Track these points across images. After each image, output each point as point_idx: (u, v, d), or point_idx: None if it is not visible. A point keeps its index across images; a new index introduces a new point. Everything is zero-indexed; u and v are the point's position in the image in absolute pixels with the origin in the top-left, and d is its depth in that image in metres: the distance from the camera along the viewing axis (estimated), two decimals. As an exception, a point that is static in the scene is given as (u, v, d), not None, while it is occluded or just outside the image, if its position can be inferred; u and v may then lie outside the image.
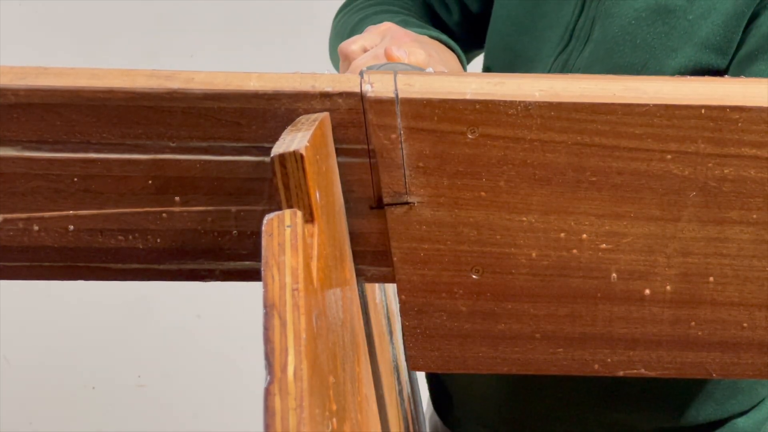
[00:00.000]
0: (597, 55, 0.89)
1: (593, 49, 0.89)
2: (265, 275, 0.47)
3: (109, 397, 2.23)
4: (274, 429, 0.42)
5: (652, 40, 0.86)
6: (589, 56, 0.90)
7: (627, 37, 0.87)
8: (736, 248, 0.60)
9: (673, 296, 0.62)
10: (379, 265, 0.63)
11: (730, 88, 0.56)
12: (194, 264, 0.62)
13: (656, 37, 0.86)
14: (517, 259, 0.61)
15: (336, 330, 0.53)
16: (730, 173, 0.58)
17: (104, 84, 0.56)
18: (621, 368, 0.65)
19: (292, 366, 0.43)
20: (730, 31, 0.84)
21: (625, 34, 0.87)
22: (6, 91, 0.55)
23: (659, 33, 0.86)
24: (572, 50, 0.91)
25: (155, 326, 2.27)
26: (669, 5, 0.86)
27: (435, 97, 0.56)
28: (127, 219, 0.60)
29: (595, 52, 0.89)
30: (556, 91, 0.56)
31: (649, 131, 0.56)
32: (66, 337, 2.26)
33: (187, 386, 2.24)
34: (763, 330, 0.63)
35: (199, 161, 0.58)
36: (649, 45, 0.86)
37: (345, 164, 0.59)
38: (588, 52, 0.90)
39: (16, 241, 0.60)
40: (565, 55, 0.92)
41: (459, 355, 0.65)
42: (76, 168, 0.58)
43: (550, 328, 0.64)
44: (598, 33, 0.89)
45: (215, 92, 0.56)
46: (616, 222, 0.60)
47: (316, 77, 0.57)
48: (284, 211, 0.50)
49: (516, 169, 0.58)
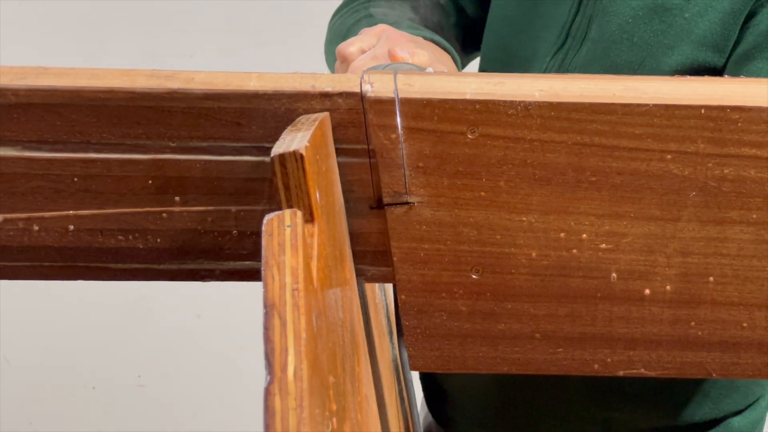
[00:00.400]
0: (594, 53, 0.89)
1: (590, 47, 0.90)
2: (265, 275, 0.47)
3: (109, 397, 2.23)
4: (274, 429, 0.42)
5: (649, 38, 0.86)
6: (586, 55, 0.90)
7: (624, 36, 0.87)
8: (736, 248, 0.60)
9: (673, 296, 0.62)
10: (379, 265, 0.63)
11: (729, 88, 0.56)
12: (194, 264, 0.62)
13: (653, 35, 0.86)
14: (517, 259, 0.61)
15: (336, 330, 0.53)
16: (730, 173, 0.58)
17: (104, 84, 0.56)
18: (621, 368, 0.65)
19: (292, 366, 0.43)
20: (727, 29, 0.84)
21: (623, 32, 0.87)
22: (6, 91, 0.55)
23: (656, 31, 0.86)
24: (568, 49, 0.92)
25: (155, 326, 2.27)
26: (666, 3, 0.86)
27: (435, 97, 0.56)
28: (127, 219, 0.60)
29: (592, 50, 0.89)
30: (556, 91, 0.56)
31: (649, 131, 0.56)
32: (66, 337, 2.26)
33: (187, 386, 2.24)
34: (763, 330, 0.63)
35: (199, 161, 0.58)
36: (647, 43, 0.86)
37: (345, 164, 0.59)
38: (585, 51, 0.90)
39: (16, 241, 0.60)
40: (561, 55, 0.92)
41: (459, 355, 0.65)
42: (76, 168, 0.58)
43: (550, 328, 0.64)
44: (596, 32, 0.89)
45: (215, 92, 0.56)
46: (616, 222, 0.60)
47: (316, 77, 0.57)
48: (284, 211, 0.50)
49: (516, 169, 0.58)
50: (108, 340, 2.26)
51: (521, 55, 0.95)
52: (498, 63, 0.99)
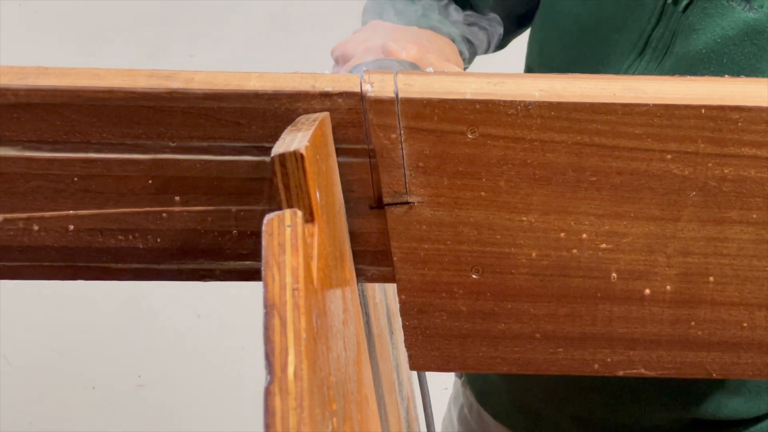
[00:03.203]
0: (678, 69, 0.86)
1: (674, 63, 0.87)
2: (265, 275, 0.47)
3: (109, 397, 2.23)
4: (274, 429, 0.42)
5: (740, 60, 0.84)
6: (670, 69, 0.87)
7: (712, 56, 0.85)
8: (736, 248, 0.60)
9: (673, 296, 0.62)
10: (379, 265, 0.63)
11: (729, 88, 0.56)
12: (194, 264, 0.62)
13: (744, 58, 0.84)
14: (517, 259, 0.61)
15: (336, 330, 0.53)
16: (730, 173, 0.58)
17: (105, 84, 0.56)
18: (621, 368, 0.65)
19: (293, 366, 0.43)
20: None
21: (711, 51, 0.85)
22: (6, 91, 0.55)
23: (747, 54, 0.83)
24: (649, 60, 0.89)
25: (155, 326, 2.28)
26: (758, 26, 0.83)
27: (435, 97, 0.56)
28: (127, 219, 0.60)
29: (677, 66, 0.87)
30: (556, 91, 0.56)
31: (649, 131, 0.56)
32: (66, 337, 2.26)
33: (187, 386, 2.24)
34: (763, 330, 0.63)
35: (199, 161, 0.58)
36: (737, 65, 0.84)
37: (345, 164, 0.59)
38: (669, 66, 0.87)
39: (16, 241, 0.60)
40: (642, 64, 0.89)
41: (459, 355, 0.65)
42: (76, 168, 0.58)
43: (550, 328, 0.64)
44: (681, 47, 0.87)
45: (215, 92, 0.56)
46: (616, 222, 0.60)
47: (316, 77, 0.57)
48: (284, 211, 0.50)
49: (516, 169, 0.58)
50: (108, 341, 2.27)
51: (591, 56, 0.93)
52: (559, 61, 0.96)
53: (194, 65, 2.32)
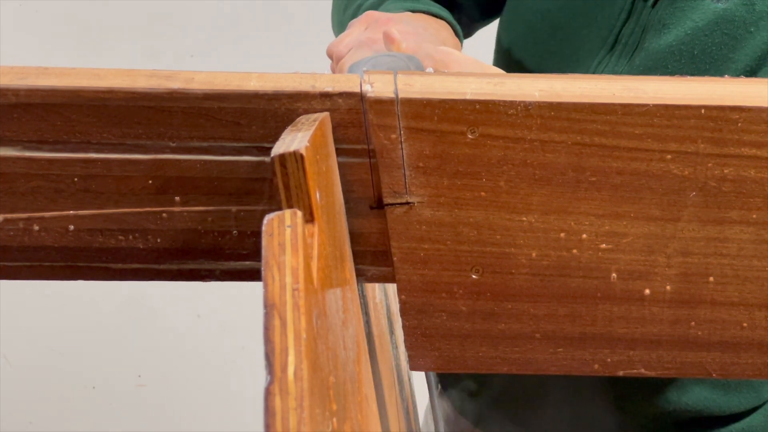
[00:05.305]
0: (649, 64, 0.86)
1: (645, 58, 0.87)
2: (265, 275, 0.47)
3: (109, 397, 2.23)
4: (275, 429, 0.42)
5: (711, 50, 0.84)
6: (640, 65, 0.87)
7: (683, 48, 0.85)
8: (736, 248, 0.60)
9: (673, 296, 0.62)
10: (379, 265, 0.63)
11: (729, 88, 0.56)
12: (194, 264, 0.62)
13: (716, 48, 0.84)
14: (517, 259, 0.61)
15: (336, 330, 0.53)
16: (730, 173, 0.58)
17: (105, 84, 0.56)
18: (621, 368, 0.65)
19: (293, 366, 0.43)
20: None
21: (681, 44, 0.85)
22: (6, 91, 0.55)
23: (719, 44, 0.83)
24: (620, 56, 0.89)
25: (155, 326, 2.28)
26: (728, 15, 0.83)
27: (435, 97, 0.56)
28: (127, 219, 0.60)
29: (647, 61, 0.87)
30: (556, 91, 0.56)
31: (649, 131, 0.56)
32: (66, 337, 2.26)
33: (187, 386, 2.24)
34: (763, 330, 0.63)
35: (199, 161, 0.58)
36: (709, 56, 0.84)
37: (345, 164, 0.59)
38: (639, 61, 0.87)
39: (17, 241, 0.60)
40: (613, 60, 0.89)
41: (459, 355, 0.65)
42: (77, 168, 0.58)
43: (550, 328, 0.64)
44: (651, 42, 0.87)
45: (215, 92, 0.56)
46: (616, 222, 0.60)
47: (316, 77, 0.57)
48: (284, 211, 0.50)
49: (516, 169, 0.58)
50: (108, 340, 2.27)
51: (560, 53, 0.92)
52: (531, 56, 0.95)
53: (194, 65, 2.32)
